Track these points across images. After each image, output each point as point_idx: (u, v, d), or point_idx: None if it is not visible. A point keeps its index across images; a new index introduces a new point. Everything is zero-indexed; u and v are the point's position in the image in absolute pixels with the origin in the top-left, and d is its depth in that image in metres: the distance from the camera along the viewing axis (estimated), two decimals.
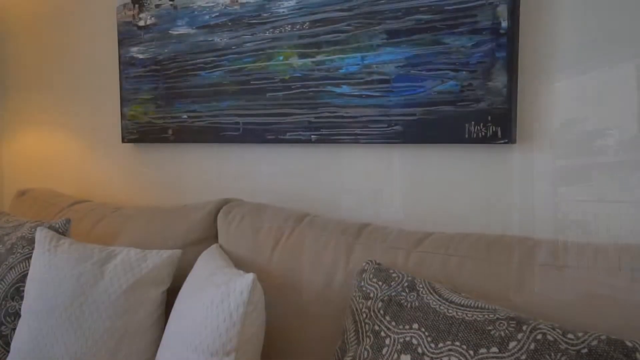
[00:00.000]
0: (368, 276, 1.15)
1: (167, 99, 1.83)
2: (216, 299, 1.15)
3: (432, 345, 0.97)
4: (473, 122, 1.33)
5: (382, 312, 1.08)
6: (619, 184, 1.23)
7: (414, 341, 1.00)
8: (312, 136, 1.56)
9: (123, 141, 1.96)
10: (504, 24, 1.27)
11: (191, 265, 1.43)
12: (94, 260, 1.43)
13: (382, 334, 1.05)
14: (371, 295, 1.12)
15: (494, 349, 0.92)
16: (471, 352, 0.93)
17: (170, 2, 1.80)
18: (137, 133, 1.92)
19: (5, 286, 1.54)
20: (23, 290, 1.51)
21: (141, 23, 1.87)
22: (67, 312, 1.38)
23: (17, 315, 1.51)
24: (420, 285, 1.10)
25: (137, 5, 1.87)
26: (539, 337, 0.90)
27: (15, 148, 2.36)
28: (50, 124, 2.24)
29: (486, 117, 1.31)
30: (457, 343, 0.95)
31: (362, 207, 1.54)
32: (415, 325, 1.02)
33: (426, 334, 0.99)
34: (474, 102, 1.32)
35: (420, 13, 1.37)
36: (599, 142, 1.24)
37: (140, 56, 1.88)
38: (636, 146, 1.21)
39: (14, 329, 1.50)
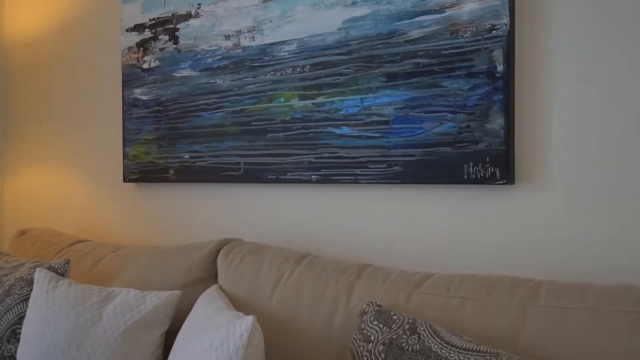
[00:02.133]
0: (369, 318, 1.14)
1: (169, 140, 1.86)
2: (215, 341, 1.14)
3: None
4: (472, 163, 1.34)
5: (383, 355, 1.07)
6: (620, 222, 1.23)
7: None
8: (313, 176, 1.57)
9: (124, 181, 1.98)
10: (500, 67, 1.30)
11: (191, 306, 1.42)
12: (93, 301, 1.42)
13: None
14: (372, 338, 1.11)
15: None
16: None
17: (174, 46, 1.84)
18: (139, 173, 1.94)
19: (1, 328, 1.52)
20: (19, 333, 1.49)
21: (145, 65, 1.91)
22: (64, 354, 1.36)
23: (12, 359, 1.48)
24: (422, 328, 1.09)
25: (141, 49, 1.92)
26: None
27: (17, 187, 2.38)
28: (52, 163, 2.26)
29: (484, 158, 1.33)
30: None
31: (363, 247, 1.53)
32: None
33: None
34: (472, 144, 1.34)
35: (417, 57, 1.41)
36: (598, 181, 1.25)
37: (144, 97, 1.91)
38: (635, 184, 1.21)
39: None
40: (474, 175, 1.34)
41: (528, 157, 1.32)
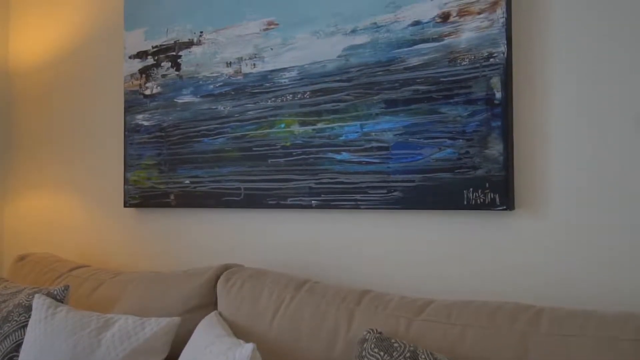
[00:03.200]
0: (369, 346, 1.13)
1: (170, 165, 1.87)
2: None
3: None
4: (471, 189, 1.35)
5: None
6: (619, 248, 1.23)
7: None
8: (313, 202, 1.58)
9: (125, 206, 1.98)
10: (498, 94, 1.32)
11: (190, 332, 1.41)
12: (91, 328, 1.41)
13: None
14: None
15: None
16: None
17: (176, 73, 1.87)
18: (139, 198, 1.94)
19: None
20: None
21: (147, 92, 1.93)
22: None
23: None
24: (423, 356, 1.08)
25: (144, 75, 1.94)
26: None
27: (18, 211, 2.38)
28: (53, 188, 2.27)
29: (484, 183, 1.33)
30: None
31: (363, 272, 1.53)
32: None
33: None
34: (471, 169, 1.35)
35: (417, 84, 1.42)
36: (597, 206, 1.25)
37: (146, 123, 1.93)
38: (635, 210, 1.22)
39: None
40: (473, 201, 1.34)
41: (527, 183, 1.32)
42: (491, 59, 1.33)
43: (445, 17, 1.39)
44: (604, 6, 1.25)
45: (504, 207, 1.31)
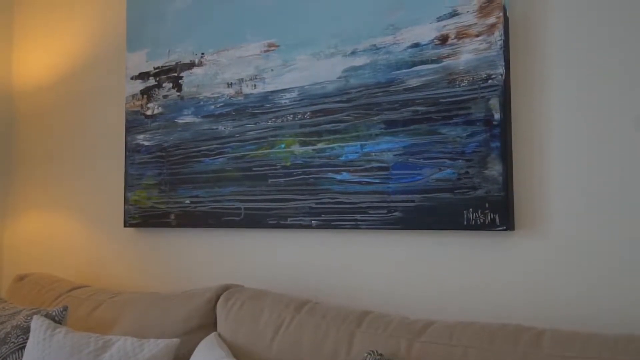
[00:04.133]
0: None
1: (170, 185, 1.87)
2: None
3: None
4: (471, 209, 1.35)
5: None
6: (620, 269, 1.23)
7: None
8: (313, 222, 1.58)
9: (125, 225, 1.98)
10: (497, 115, 1.33)
11: (189, 354, 1.40)
12: (90, 349, 1.40)
13: None
14: None
15: None
16: None
17: (178, 93, 1.88)
18: (140, 218, 1.94)
19: None
20: None
21: (149, 112, 1.94)
22: None
23: None
24: None
25: (145, 96, 1.96)
26: None
27: (18, 231, 2.37)
28: (53, 207, 2.27)
29: (484, 204, 1.33)
30: None
31: (363, 293, 1.52)
32: None
33: None
34: (471, 190, 1.35)
35: (416, 105, 1.43)
36: (598, 226, 1.25)
37: (146, 143, 1.94)
38: (636, 231, 1.22)
39: None
40: (473, 222, 1.34)
41: (527, 203, 1.33)
42: (489, 81, 1.34)
43: (443, 40, 1.40)
44: (602, 28, 1.27)
45: (504, 228, 1.31)
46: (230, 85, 1.77)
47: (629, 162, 1.23)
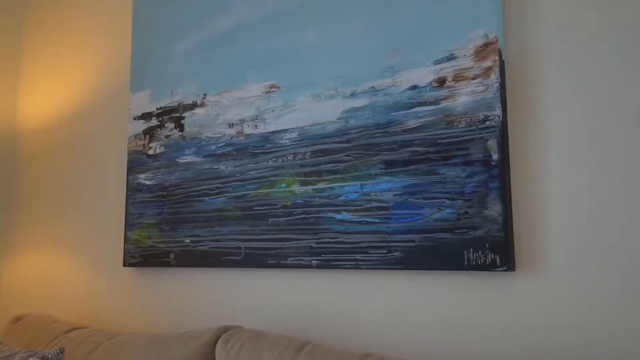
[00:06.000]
0: None
1: (171, 224, 1.87)
2: None
3: None
4: (472, 250, 1.35)
5: None
6: (622, 309, 1.22)
7: None
8: (313, 261, 1.57)
9: (124, 265, 1.97)
10: (495, 156, 1.34)
11: None
12: None
13: None
14: None
15: None
16: None
17: (179, 133, 1.91)
18: (139, 257, 1.93)
19: None
20: None
21: (151, 152, 1.96)
22: None
23: None
24: None
25: (147, 136, 1.98)
26: None
27: (16, 270, 2.36)
28: (52, 246, 2.26)
29: (484, 244, 1.33)
30: None
31: (364, 334, 1.50)
32: None
33: None
34: (471, 230, 1.35)
35: (415, 145, 1.45)
36: (599, 266, 1.25)
37: (148, 182, 1.95)
38: (637, 270, 1.21)
39: None
40: (474, 262, 1.34)
41: (528, 244, 1.33)
42: (487, 122, 1.36)
43: (441, 82, 1.43)
44: (597, 67, 1.30)
45: (505, 268, 1.31)
46: (231, 125, 1.79)
47: (631, 202, 1.24)
